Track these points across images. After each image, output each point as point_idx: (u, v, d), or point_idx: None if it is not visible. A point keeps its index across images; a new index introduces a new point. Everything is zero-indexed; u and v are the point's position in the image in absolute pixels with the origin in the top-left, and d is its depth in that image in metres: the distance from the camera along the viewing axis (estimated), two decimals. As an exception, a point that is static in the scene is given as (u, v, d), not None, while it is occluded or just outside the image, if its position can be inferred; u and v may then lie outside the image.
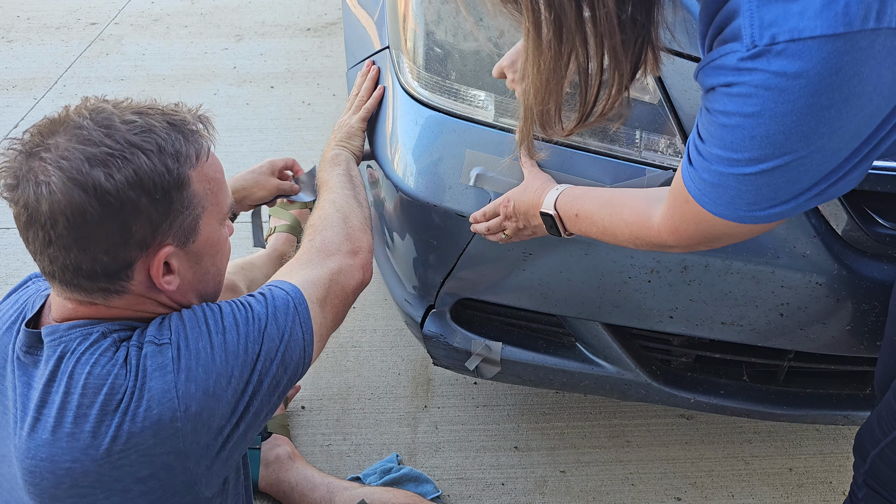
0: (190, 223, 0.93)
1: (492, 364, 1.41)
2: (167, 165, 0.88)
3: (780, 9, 0.65)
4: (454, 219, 1.27)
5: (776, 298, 1.21)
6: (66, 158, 0.83)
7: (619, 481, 1.66)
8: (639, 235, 0.97)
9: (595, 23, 0.72)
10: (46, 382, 0.88)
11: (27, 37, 3.60)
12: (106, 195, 0.84)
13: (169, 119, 0.91)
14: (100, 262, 0.87)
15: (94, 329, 0.90)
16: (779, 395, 1.41)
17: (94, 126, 0.85)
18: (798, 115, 0.68)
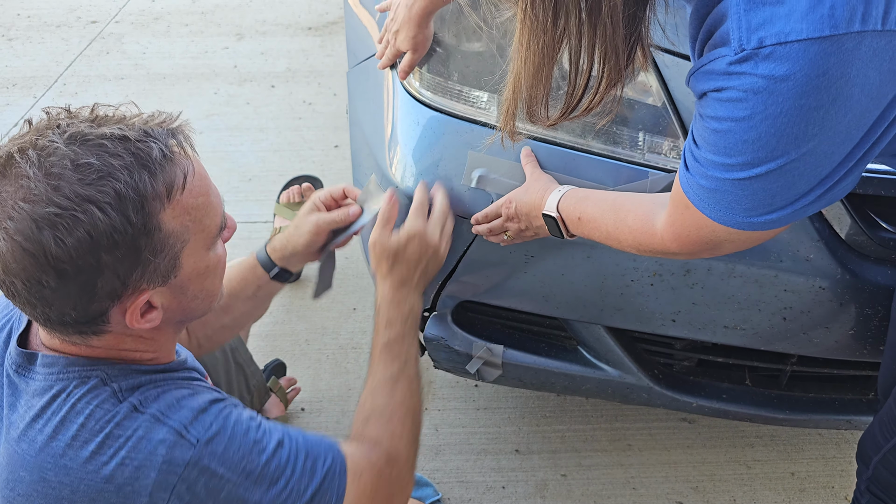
0: (168, 263, 0.84)
1: (493, 367, 1.40)
2: (128, 217, 0.78)
3: (767, 12, 0.66)
4: (455, 221, 1.26)
5: (779, 302, 1.20)
6: (12, 218, 0.75)
7: (621, 485, 1.65)
8: (642, 242, 0.97)
9: (598, 14, 0.71)
10: (34, 416, 0.85)
11: (27, 35, 3.59)
12: (59, 262, 0.76)
13: (135, 150, 0.79)
14: (68, 315, 0.81)
15: (92, 373, 0.86)
16: (781, 399, 1.40)
17: (41, 176, 0.75)
18: (788, 116, 0.69)
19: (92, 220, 0.76)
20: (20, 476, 0.83)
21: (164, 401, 0.86)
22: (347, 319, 2.04)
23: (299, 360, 1.93)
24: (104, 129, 0.79)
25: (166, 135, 0.82)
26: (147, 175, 0.79)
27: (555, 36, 0.72)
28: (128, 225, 0.78)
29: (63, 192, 0.75)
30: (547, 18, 0.71)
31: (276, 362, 1.79)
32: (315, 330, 2.02)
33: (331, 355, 1.95)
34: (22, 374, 0.88)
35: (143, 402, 0.85)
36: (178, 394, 0.88)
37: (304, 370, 1.90)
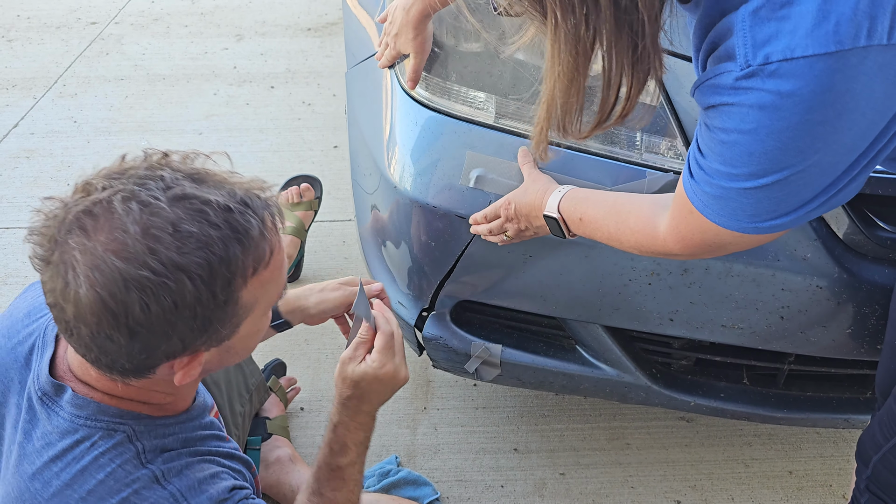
0: (230, 330, 0.84)
1: (491, 366, 1.41)
2: (214, 292, 0.77)
3: (773, 28, 0.66)
4: (454, 220, 1.26)
5: (777, 301, 1.21)
6: (100, 271, 0.73)
7: (619, 484, 1.65)
8: (644, 243, 0.98)
9: (633, 18, 0.71)
10: (53, 457, 0.84)
11: (27, 36, 3.60)
12: (136, 324, 0.75)
13: (234, 222, 0.78)
14: (119, 364, 0.80)
15: (120, 427, 0.86)
16: (779, 398, 1.41)
17: (139, 235, 0.74)
18: (793, 131, 0.69)
19: (181, 290, 0.75)
20: None
21: (186, 480, 0.87)
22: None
23: (299, 360, 1.93)
24: (207, 192, 0.78)
25: (263, 207, 0.83)
26: (241, 250, 0.79)
27: (587, 42, 0.72)
28: (211, 299, 0.78)
29: (159, 258, 0.74)
30: (578, 26, 0.70)
31: (276, 362, 1.79)
32: (314, 330, 2.02)
33: (330, 355, 1.95)
34: (46, 404, 0.87)
35: (165, 475, 0.86)
36: (201, 474, 0.88)
37: (303, 370, 1.91)
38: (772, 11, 0.66)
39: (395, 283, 1.41)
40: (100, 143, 2.79)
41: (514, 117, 1.25)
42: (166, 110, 2.99)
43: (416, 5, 1.22)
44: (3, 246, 2.31)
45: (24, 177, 2.62)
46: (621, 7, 0.69)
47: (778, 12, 0.66)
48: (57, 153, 2.74)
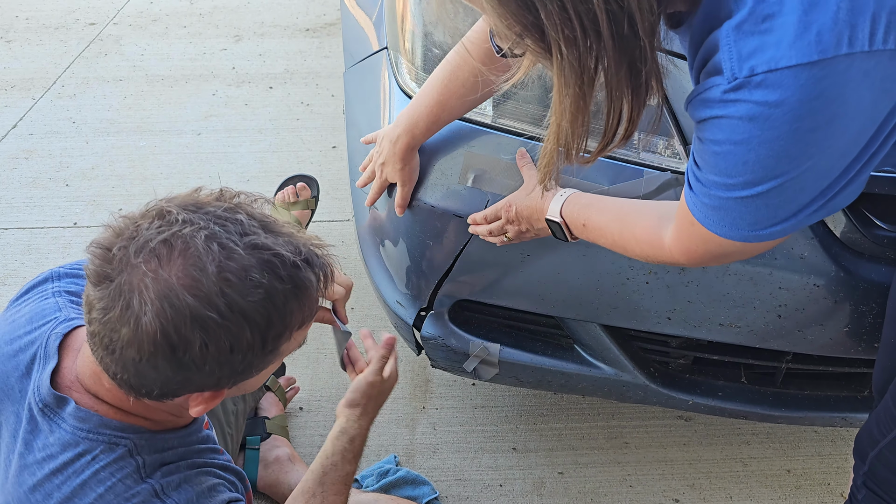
0: (254, 373, 0.87)
1: (490, 366, 1.41)
2: (265, 342, 0.81)
3: (757, 41, 0.68)
4: (452, 220, 1.27)
5: (774, 300, 1.21)
6: (171, 305, 0.74)
7: (618, 483, 1.65)
8: (650, 253, 1.01)
9: (634, 46, 0.73)
10: (54, 470, 0.85)
11: (26, 37, 3.60)
12: (190, 362, 0.77)
13: (295, 279, 0.81)
14: (148, 389, 0.81)
15: (121, 441, 0.86)
16: (777, 396, 1.41)
17: (215, 278, 0.75)
18: (785, 139, 0.71)
19: (239, 336, 0.78)
20: None
21: (185, 493, 0.88)
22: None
23: (297, 360, 1.93)
24: (277, 245, 0.80)
25: (321, 267, 0.85)
26: (297, 308, 0.82)
27: (591, 72, 0.74)
28: (261, 348, 0.81)
29: (228, 302, 0.76)
30: (582, 58, 0.72)
31: (274, 362, 1.79)
32: (313, 329, 2.01)
33: (329, 354, 1.95)
34: (47, 416, 0.87)
35: (164, 488, 0.87)
36: (199, 488, 0.89)
37: (302, 369, 1.91)
38: (754, 25, 0.68)
39: (393, 282, 1.42)
40: (99, 144, 2.79)
41: (512, 117, 1.25)
42: (165, 111, 2.99)
43: (402, 139, 1.25)
44: (2, 247, 2.31)
45: (23, 177, 2.62)
46: (623, 37, 0.71)
47: (760, 26, 0.68)
48: (56, 154, 2.74)
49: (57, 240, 2.34)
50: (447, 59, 1.20)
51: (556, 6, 0.69)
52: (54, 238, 2.35)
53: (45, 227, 2.39)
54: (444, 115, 1.22)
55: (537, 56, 0.77)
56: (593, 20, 0.70)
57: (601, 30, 0.70)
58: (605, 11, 0.69)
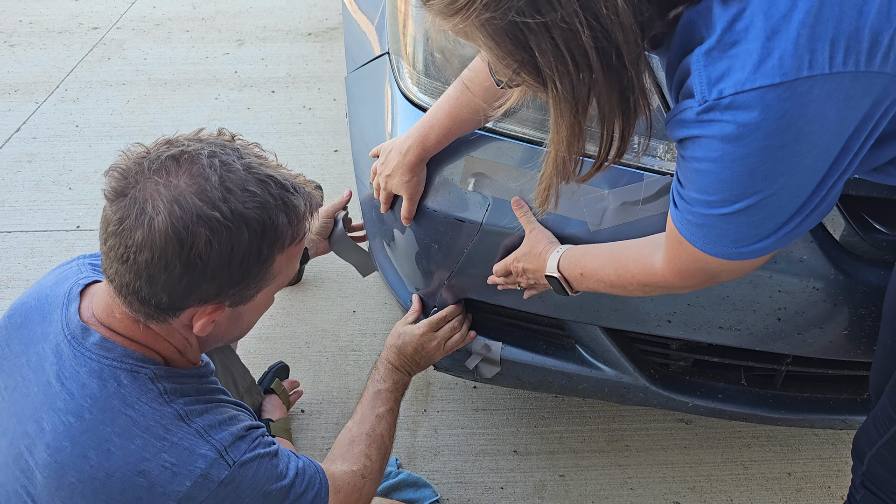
0: (252, 292, 0.95)
1: (491, 364, 1.42)
2: (261, 248, 0.90)
3: (724, 66, 0.73)
4: (454, 223, 1.28)
5: (774, 303, 1.22)
6: (180, 206, 0.84)
7: (618, 485, 1.66)
8: (647, 283, 1.03)
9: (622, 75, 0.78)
10: (83, 396, 0.90)
11: (29, 41, 3.62)
12: (196, 257, 0.85)
13: (285, 198, 0.91)
14: (158, 297, 0.89)
15: (142, 369, 0.93)
16: (777, 399, 1.41)
17: (217, 185, 0.86)
18: (756, 156, 0.75)
19: (239, 236, 0.87)
20: (62, 446, 0.89)
21: (208, 419, 0.95)
22: (347, 322, 2.06)
23: (299, 363, 1.94)
24: (268, 169, 0.92)
25: (306, 197, 0.96)
26: (286, 222, 0.92)
27: (584, 101, 0.79)
28: (258, 252, 0.90)
29: (230, 205, 0.86)
30: (576, 89, 0.78)
31: (279, 364, 1.80)
32: (315, 332, 2.04)
33: (331, 357, 1.96)
34: (74, 347, 0.93)
35: (188, 414, 0.93)
36: (220, 416, 0.96)
37: (304, 372, 1.92)
38: (722, 52, 0.73)
39: (401, 283, 1.43)
40: (101, 148, 2.81)
41: (514, 121, 1.26)
42: (167, 115, 3.01)
43: (413, 150, 1.26)
44: (5, 249, 2.32)
45: (27, 181, 2.63)
46: (612, 67, 0.76)
47: (727, 52, 0.73)
48: (59, 157, 2.76)
49: (60, 243, 2.35)
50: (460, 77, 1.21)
51: (549, 44, 0.75)
52: (57, 241, 2.36)
53: (48, 230, 2.40)
54: (456, 127, 1.23)
55: (533, 89, 0.82)
56: (584, 55, 0.75)
57: (592, 63, 0.76)
58: (594, 47, 0.74)
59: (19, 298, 1.05)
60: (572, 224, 1.21)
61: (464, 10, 0.75)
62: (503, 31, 0.75)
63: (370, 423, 1.27)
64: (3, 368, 0.98)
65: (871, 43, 0.71)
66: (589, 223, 1.21)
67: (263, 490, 0.96)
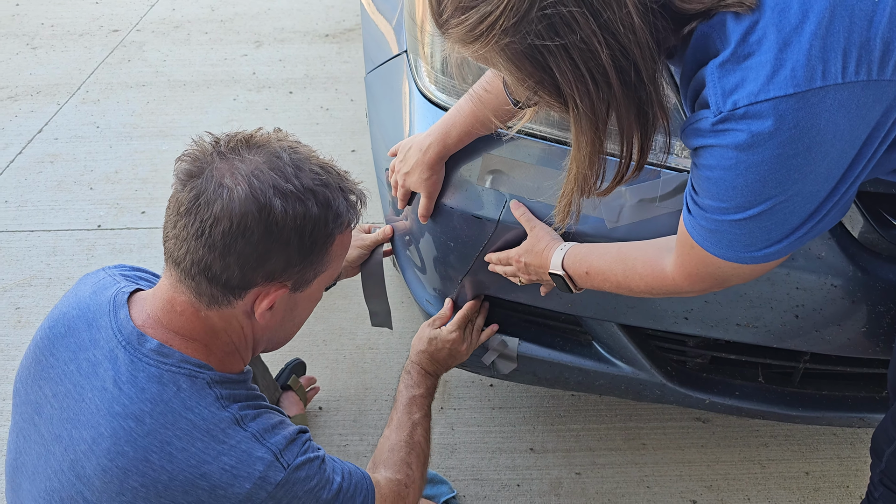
0: (310, 276, 0.99)
1: (508, 360, 1.43)
2: (327, 221, 0.95)
3: (738, 77, 0.75)
4: (471, 221, 1.28)
5: (791, 300, 1.21)
6: (257, 178, 0.90)
7: (635, 483, 1.66)
8: (654, 285, 1.05)
9: (640, 91, 0.80)
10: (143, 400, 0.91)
11: (51, 44, 3.67)
12: (273, 223, 0.90)
13: (341, 184, 0.99)
14: (228, 272, 0.92)
15: (200, 374, 0.94)
16: (794, 396, 1.41)
17: (289, 162, 0.93)
18: (769, 165, 0.77)
19: (308, 208, 0.93)
20: (123, 450, 0.90)
21: (262, 423, 0.97)
22: (364, 321, 2.07)
23: (317, 361, 1.95)
24: (327, 163, 0.99)
25: (359, 191, 1.03)
26: (345, 206, 0.99)
27: (604, 117, 0.81)
28: (323, 227, 0.96)
29: (300, 180, 0.93)
30: (595, 106, 0.80)
31: (296, 361, 1.82)
32: (332, 331, 2.05)
33: (348, 355, 1.98)
34: (130, 352, 0.94)
35: (243, 419, 0.95)
36: (271, 421, 0.99)
37: (321, 370, 1.93)
38: (735, 64, 0.75)
39: (421, 283, 1.44)
40: (122, 148, 2.84)
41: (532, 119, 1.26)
42: (187, 115, 3.04)
43: (433, 147, 1.27)
44: (27, 248, 2.36)
45: (49, 181, 2.67)
46: (630, 84, 0.79)
47: (741, 64, 0.75)
48: (80, 158, 2.80)
49: (81, 241, 2.38)
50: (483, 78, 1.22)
51: (568, 65, 0.77)
52: (79, 240, 2.39)
53: (70, 229, 2.44)
54: (478, 126, 1.24)
55: (554, 108, 0.84)
56: (603, 74, 0.77)
57: (611, 81, 0.78)
58: (613, 66, 0.77)
59: (56, 311, 1.04)
60: (589, 221, 1.22)
61: (483, 36, 0.77)
62: (523, 54, 0.77)
63: (408, 430, 1.28)
64: (48, 377, 0.98)
65: (882, 51, 0.72)
66: (606, 220, 1.21)
67: (315, 492, 0.98)
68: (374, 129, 1.58)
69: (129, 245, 2.37)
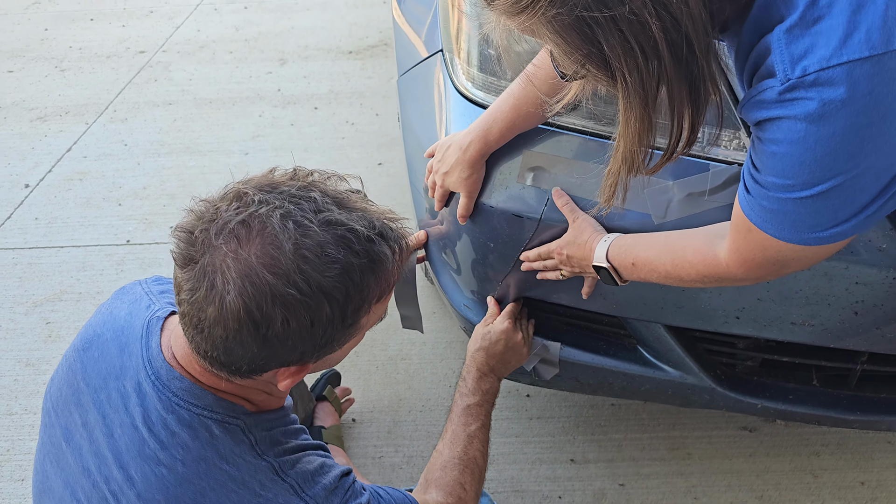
0: (337, 347, 0.89)
1: (550, 365, 1.38)
2: (345, 317, 0.83)
3: (808, 42, 0.71)
4: (511, 220, 1.25)
5: (850, 296, 1.16)
6: (252, 283, 0.76)
7: (682, 494, 1.60)
8: (706, 273, 1.00)
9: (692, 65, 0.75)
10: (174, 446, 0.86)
11: (79, 66, 3.71)
12: (273, 337, 0.79)
13: (371, 254, 0.83)
14: (236, 365, 0.83)
15: (233, 421, 0.88)
16: (851, 400, 1.35)
17: (291, 255, 0.77)
18: (841, 136, 0.72)
19: (319, 311, 0.80)
20: (155, 498, 0.85)
21: (301, 472, 0.90)
22: (396, 331, 2.03)
23: (349, 372, 1.92)
24: (351, 220, 0.82)
25: (395, 239, 0.87)
26: (374, 281, 0.84)
27: (653, 92, 0.77)
28: (341, 322, 0.83)
29: (306, 279, 0.78)
30: (645, 81, 0.75)
31: (330, 372, 1.78)
32: (364, 342, 2.01)
33: (381, 366, 1.94)
34: (159, 390, 0.88)
35: (282, 466, 0.89)
36: (311, 466, 0.92)
37: (354, 381, 1.89)
38: (804, 28, 0.71)
39: (458, 287, 1.40)
40: (149, 165, 2.85)
41: (573, 115, 1.23)
42: (213, 132, 3.05)
43: (474, 144, 1.22)
44: (58, 263, 2.36)
45: (78, 198, 2.68)
46: (682, 58, 0.74)
47: (811, 28, 0.70)
48: (108, 175, 2.80)
49: (111, 256, 2.38)
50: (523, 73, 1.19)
51: (617, 38, 0.73)
52: (108, 255, 2.38)
53: (100, 244, 2.43)
54: (520, 121, 1.20)
55: (601, 83, 0.80)
56: (653, 47, 0.73)
57: (661, 55, 0.73)
58: (663, 39, 0.72)
59: (90, 330, 0.99)
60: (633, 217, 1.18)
61: (529, 7, 0.73)
62: (570, 26, 0.73)
63: (462, 445, 1.20)
64: (79, 402, 0.93)
65: None
66: (653, 216, 1.17)
67: None
68: (407, 132, 1.55)
69: (158, 259, 2.35)
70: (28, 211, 2.61)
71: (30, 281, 2.29)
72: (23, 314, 2.16)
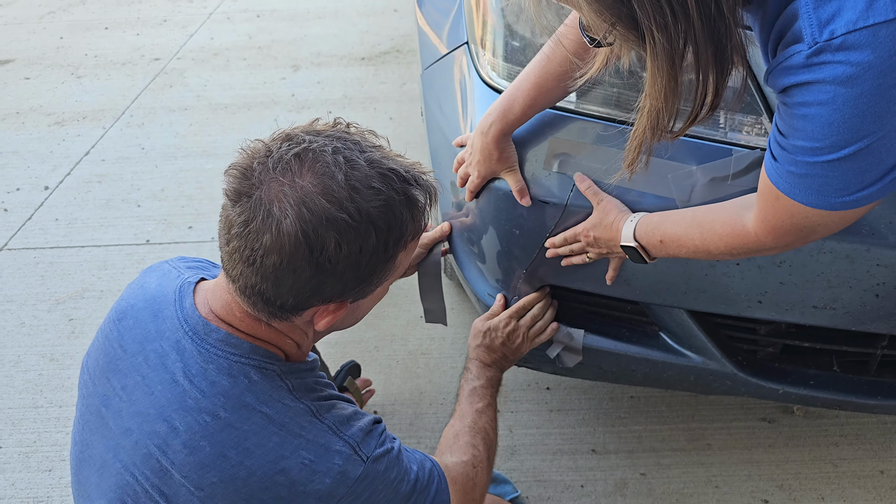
0: (373, 288, 0.94)
1: (573, 352, 1.40)
2: (387, 247, 0.88)
3: (835, 6, 0.72)
4: (537, 206, 1.27)
5: (872, 278, 1.18)
6: (308, 209, 0.82)
7: (703, 483, 1.61)
8: (735, 245, 1.01)
9: (720, 25, 0.77)
10: (215, 394, 0.88)
11: (95, 73, 3.75)
12: (325, 261, 0.84)
13: (407, 192, 0.89)
14: (283, 298, 0.87)
15: (269, 366, 0.92)
16: (872, 385, 1.36)
17: (344, 184, 0.83)
18: (868, 97, 0.73)
19: (367, 238, 0.85)
20: (200, 445, 0.87)
21: (336, 415, 0.94)
22: (416, 327, 2.05)
23: (370, 366, 1.94)
24: (391, 162, 0.89)
25: (428, 187, 0.94)
26: (410, 218, 0.90)
27: (681, 52, 0.79)
28: (384, 252, 0.88)
29: (357, 206, 0.84)
30: (673, 40, 0.77)
31: (351, 363, 1.80)
32: (384, 337, 2.04)
33: (401, 361, 1.96)
34: (198, 343, 0.91)
35: (319, 410, 0.93)
36: (345, 412, 0.96)
37: (374, 375, 1.91)
38: None
39: (483, 276, 1.42)
40: (167, 168, 2.88)
41: (595, 101, 1.26)
42: (228, 136, 3.08)
43: (494, 126, 1.25)
44: (79, 262, 2.38)
45: (97, 199, 2.71)
46: (710, 17, 0.76)
47: None
48: (126, 177, 2.84)
49: (131, 256, 2.40)
50: (542, 50, 1.21)
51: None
52: (128, 255, 2.41)
53: (119, 244, 2.46)
54: (541, 97, 1.22)
55: (630, 44, 0.81)
56: (683, 5, 0.75)
57: (690, 13, 0.75)
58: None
59: (123, 303, 1.02)
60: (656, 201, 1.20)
61: None
62: None
63: (471, 417, 1.25)
64: (118, 369, 0.96)
65: None
66: (677, 200, 1.19)
67: (394, 485, 0.96)
68: (431, 124, 1.58)
69: (178, 258, 2.38)
70: (48, 212, 2.65)
71: (52, 279, 2.32)
72: (46, 311, 2.19)
